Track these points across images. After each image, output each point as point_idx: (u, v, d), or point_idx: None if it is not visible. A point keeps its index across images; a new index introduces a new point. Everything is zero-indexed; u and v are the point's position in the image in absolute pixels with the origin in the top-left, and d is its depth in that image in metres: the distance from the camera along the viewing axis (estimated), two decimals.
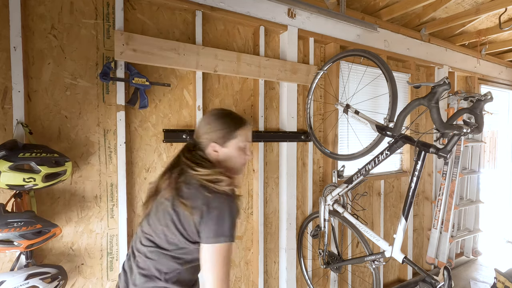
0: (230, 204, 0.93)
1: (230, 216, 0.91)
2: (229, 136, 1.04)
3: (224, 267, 0.89)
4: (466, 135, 1.58)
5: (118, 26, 1.52)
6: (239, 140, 1.05)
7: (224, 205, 0.92)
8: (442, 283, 1.35)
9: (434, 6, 2.46)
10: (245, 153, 1.07)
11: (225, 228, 0.90)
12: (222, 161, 1.05)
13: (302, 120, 2.23)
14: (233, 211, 0.93)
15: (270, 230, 2.11)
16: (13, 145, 1.18)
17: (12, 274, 1.19)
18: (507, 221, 4.29)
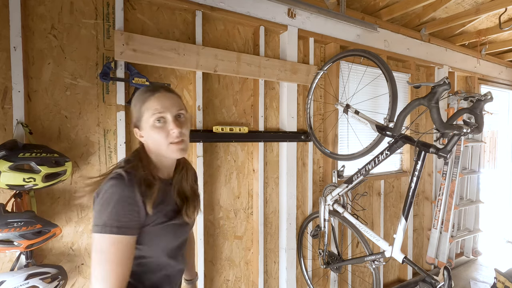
0: (112, 187, 0.76)
1: (108, 201, 0.75)
2: (139, 115, 0.87)
3: (99, 265, 0.73)
4: (466, 135, 1.58)
5: (118, 26, 1.52)
6: (147, 116, 0.84)
7: (106, 188, 0.77)
8: (442, 283, 1.35)
9: (434, 6, 2.46)
10: (162, 128, 0.84)
11: (100, 215, 0.75)
12: (152, 147, 0.88)
13: (302, 120, 2.23)
14: (114, 194, 0.76)
15: (270, 230, 2.12)
16: (13, 145, 1.18)
17: (12, 274, 1.19)
18: (507, 221, 4.29)
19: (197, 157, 1.76)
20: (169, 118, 0.85)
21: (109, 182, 0.78)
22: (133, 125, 0.90)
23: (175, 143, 0.85)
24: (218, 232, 1.92)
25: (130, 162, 0.86)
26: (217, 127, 1.79)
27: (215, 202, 1.90)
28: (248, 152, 2.03)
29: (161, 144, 0.85)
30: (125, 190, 0.77)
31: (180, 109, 0.88)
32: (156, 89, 0.88)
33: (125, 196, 0.77)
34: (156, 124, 0.84)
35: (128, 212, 0.76)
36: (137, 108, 0.87)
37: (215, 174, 1.89)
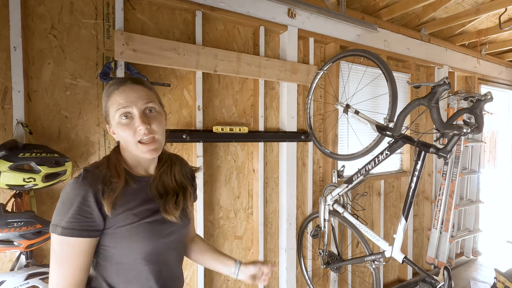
0: (68, 186, 0.73)
1: (61, 200, 0.72)
2: (107, 111, 0.80)
3: (51, 263, 0.71)
4: (466, 135, 1.58)
5: (118, 26, 1.52)
6: (112, 111, 0.77)
7: (65, 188, 0.74)
8: (442, 283, 1.35)
9: (434, 6, 2.46)
10: (128, 125, 0.76)
11: (54, 214, 0.72)
12: (121, 143, 0.83)
13: (302, 120, 2.23)
14: (66, 194, 0.72)
15: (270, 230, 2.11)
16: (13, 145, 1.18)
17: (12, 274, 1.19)
18: (507, 221, 4.29)
19: (197, 157, 1.76)
20: (136, 113, 0.76)
21: (72, 180, 0.75)
22: (105, 121, 0.84)
23: (145, 143, 0.77)
24: (218, 232, 1.92)
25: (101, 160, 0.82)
26: (217, 127, 1.79)
27: (215, 202, 1.90)
28: (248, 152, 2.03)
29: (129, 143, 0.77)
30: (77, 189, 0.72)
31: (149, 102, 0.79)
32: (122, 81, 0.79)
33: (76, 196, 0.71)
34: (121, 120, 0.76)
35: (77, 213, 0.70)
36: (104, 102, 0.80)
37: (215, 174, 1.89)
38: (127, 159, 0.84)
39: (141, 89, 0.80)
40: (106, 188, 0.74)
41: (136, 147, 0.77)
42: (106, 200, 0.73)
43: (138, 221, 0.77)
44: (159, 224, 0.81)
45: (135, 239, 0.77)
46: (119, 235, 0.76)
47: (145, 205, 0.81)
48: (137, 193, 0.81)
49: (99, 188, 0.74)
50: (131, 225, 0.76)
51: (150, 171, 0.87)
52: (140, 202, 0.80)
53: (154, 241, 0.80)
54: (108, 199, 0.73)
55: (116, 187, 0.75)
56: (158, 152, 0.81)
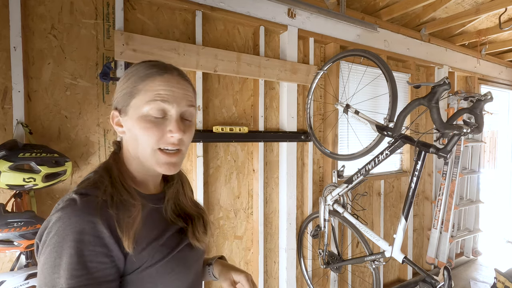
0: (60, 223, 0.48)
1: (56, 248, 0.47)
2: (131, 93, 0.59)
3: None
4: (466, 135, 1.59)
5: (118, 26, 1.52)
6: (142, 98, 0.57)
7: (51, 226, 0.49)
8: (442, 283, 1.35)
9: (434, 6, 2.46)
10: (157, 126, 0.57)
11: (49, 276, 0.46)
12: (129, 144, 0.61)
13: (302, 120, 2.23)
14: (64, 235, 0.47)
15: (270, 230, 2.11)
16: (13, 145, 1.18)
17: (12, 274, 1.19)
18: (507, 221, 4.29)
19: (197, 157, 1.76)
20: (173, 114, 0.59)
21: (56, 215, 0.49)
22: (114, 106, 0.62)
23: (167, 153, 0.59)
24: (218, 232, 1.92)
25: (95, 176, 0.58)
26: (217, 127, 1.79)
27: (215, 202, 1.90)
28: (248, 152, 2.03)
29: (146, 147, 0.58)
30: (78, 222, 0.48)
31: (191, 106, 0.62)
32: (167, 68, 0.61)
33: (79, 232, 0.48)
34: (150, 116, 0.57)
35: (86, 260, 0.47)
36: (131, 83, 0.59)
37: (215, 174, 1.89)
38: (133, 171, 0.63)
39: (187, 87, 0.62)
40: (121, 215, 0.53)
41: (153, 155, 0.58)
42: (126, 232, 0.52)
43: (169, 253, 0.59)
44: (189, 251, 0.66)
45: (170, 278, 0.59)
46: (149, 279, 0.55)
47: (168, 231, 0.63)
48: (153, 217, 0.63)
49: (111, 214, 0.52)
50: (163, 261, 0.58)
51: (158, 188, 0.70)
52: (162, 229, 0.62)
53: (189, 274, 0.64)
54: (128, 231, 0.52)
55: (135, 214, 0.55)
56: (177, 169, 0.62)
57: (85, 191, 0.54)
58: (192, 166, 1.79)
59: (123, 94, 0.60)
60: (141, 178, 0.64)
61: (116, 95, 0.62)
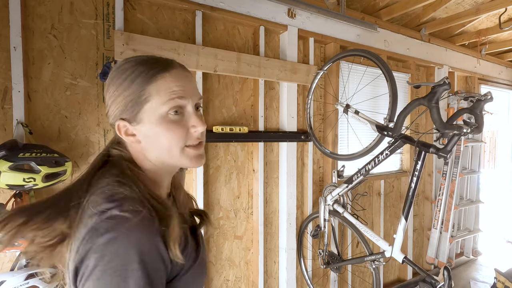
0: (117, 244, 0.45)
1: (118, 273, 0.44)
2: (139, 100, 0.55)
3: None
4: (466, 135, 1.58)
5: (118, 26, 1.52)
6: (158, 101, 0.55)
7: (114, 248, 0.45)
8: (442, 283, 1.35)
9: (434, 6, 2.46)
10: (179, 124, 0.56)
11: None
12: (148, 150, 0.58)
13: (302, 120, 2.23)
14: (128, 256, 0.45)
15: (270, 230, 2.11)
16: (13, 145, 1.18)
17: (12, 274, 1.18)
18: (507, 221, 4.29)
19: None
20: (190, 109, 0.58)
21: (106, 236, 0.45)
22: (117, 117, 0.57)
23: (194, 147, 0.58)
24: (218, 232, 1.92)
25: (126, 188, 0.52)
26: (217, 127, 1.79)
27: (215, 202, 1.90)
28: (248, 152, 2.03)
29: (173, 148, 0.56)
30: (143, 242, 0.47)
31: (200, 97, 0.62)
32: (169, 63, 0.58)
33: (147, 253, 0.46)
34: (169, 116, 0.55)
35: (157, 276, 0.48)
36: (137, 88, 0.55)
37: (215, 174, 1.89)
38: (149, 176, 0.60)
39: (192, 78, 0.61)
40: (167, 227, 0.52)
41: (182, 153, 0.57)
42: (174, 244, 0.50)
43: (197, 256, 0.59)
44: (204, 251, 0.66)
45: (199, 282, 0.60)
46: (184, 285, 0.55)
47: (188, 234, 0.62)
48: None
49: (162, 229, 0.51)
50: (195, 265, 0.57)
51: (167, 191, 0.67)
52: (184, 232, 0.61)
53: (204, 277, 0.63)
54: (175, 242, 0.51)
55: (174, 223, 0.53)
56: (204, 160, 0.62)
57: (133, 207, 0.49)
58: None
59: (129, 101, 0.55)
60: (156, 181, 0.62)
61: (118, 106, 0.56)
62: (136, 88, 0.55)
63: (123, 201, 0.50)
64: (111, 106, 0.57)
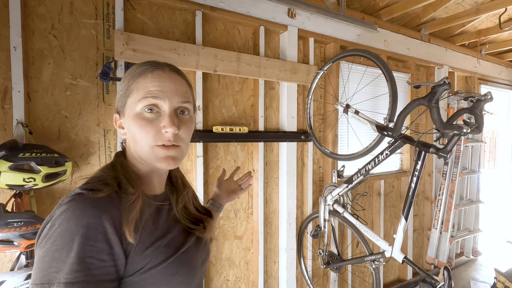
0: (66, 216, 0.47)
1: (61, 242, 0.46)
2: (125, 95, 0.60)
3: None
4: (466, 135, 1.58)
5: (118, 26, 1.52)
6: (134, 98, 0.58)
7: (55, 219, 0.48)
8: (442, 283, 1.35)
9: (434, 6, 2.46)
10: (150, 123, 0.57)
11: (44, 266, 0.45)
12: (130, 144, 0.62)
13: (302, 120, 2.23)
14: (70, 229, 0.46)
15: (270, 230, 2.11)
16: (13, 145, 1.18)
17: (12, 274, 1.18)
18: (507, 221, 4.29)
19: (197, 157, 1.76)
20: (166, 110, 0.58)
21: (60, 208, 0.48)
22: (116, 109, 0.64)
23: (164, 147, 0.58)
24: (218, 232, 1.92)
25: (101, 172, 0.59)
26: (217, 127, 1.79)
27: None
28: (248, 152, 2.03)
29: (144, 145, 0.58)
30: (87, 217, 0.47)
31: (185, 101, 0.61)
32: (158, 65, 0.62)
33: (83, 227, 0.46)
34: (144, 113, 0.57)
35: (86, 255, 0.46)
36: (125, 84, 0.60)
37: (215, 174, 1.89)
38: (138, 171, 0.63)
39: (180, 82, 0.62)
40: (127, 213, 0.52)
41: (152, 151, 0.58)
42: (126, 224, 0.51)
43: (173, 254, 0.58)
44: (195, 252, 0.65)
45: (174, 281, 0.57)
46: (152, 280, 0.54)
47: (172, 231, 0.63)
48: (158, 216, 0.62)
49: (118, 210, 0.51)
50: (167, 262, 0.56)
51: (162, 189, 0.69)
52: (166, 228, 0.62)
53: (194, 277, 0.62)
54: (128, 221, 0.51)
55: (133, 202, 0.54)
56: (177, 164, 0.61)
57: (92, 186, 0.53)
58: (192, 166, 1.79)
59: (120, 96, 0.62)
60: (147, 177, 0.64)
61: (116, 98, 0.64)
62: (125, 84, 0.61)
63: (89, 180, 0.57)
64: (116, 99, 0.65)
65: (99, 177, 0.57)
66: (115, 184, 0.56)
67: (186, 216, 0.70)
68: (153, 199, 0.63)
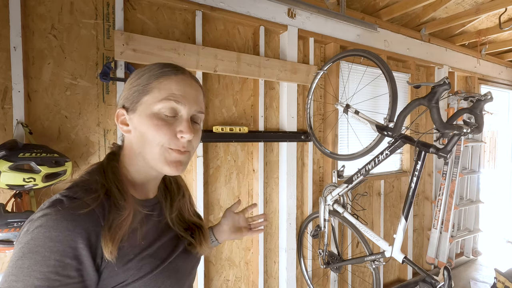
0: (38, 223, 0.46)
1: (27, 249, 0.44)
2: (142, 92, 0.58)
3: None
4: (466, 135, 1.58)
5: (118, 26, 1.52)
6: (155, 96, 0.57)
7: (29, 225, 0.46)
8: (442, 283, 1.35)
9: (434, 6, 2.46)
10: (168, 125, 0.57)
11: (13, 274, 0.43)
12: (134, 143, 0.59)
13: (302, 120, 2.23)
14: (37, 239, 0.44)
15: (270, 230, 2.11)
16: (13, 145, 1.18)
17: None
18: (507, 221, 4.29)
19: (197, 157, 1.76)
20: (184, 115, 0.58)
21: (38, 214, 0.47)
22: (120, 104, 0.60)
23: (177, 151, 0.57)
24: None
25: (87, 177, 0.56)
26: (217, 127, 1.79)
27: (215, 202, 1.90)
28: (248, 152, 2.03)
29: (154, 146, 0.56)
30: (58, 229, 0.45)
31: (201, 111, 0.62)
32: (180, 69, 0.61)
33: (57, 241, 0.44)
34: (162, 114, 0.57)
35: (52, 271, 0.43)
36: (143, 81, 0.58)
37: (215, 174, 1.89)
38: (134, 173, 0.61)
39: (200, 90, 0.63)
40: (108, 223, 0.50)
41: (162, 153, 0.57)
42: (109, 240, 0.48)
43: (159, 265, 0.56)
44: (183, 261, 0.63)
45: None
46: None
47: (160, 239, 0.61)
48: (145, 225, 0.59)
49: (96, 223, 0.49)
50: (151, 274, 0.54)
51: (154, 194, 0.67)
52: (154, 237, 0.60)
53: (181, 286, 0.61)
54: (112, 238, 0.49)
55: (123, 220, 0.52)
56: (184, 170, 0.60)
57: (73, 194, 0.50)
58: (192, 166, 1.79)
59: (133, 92, 0.59)
60: (141, 181, 0.62)
61: (124, 93, 0.61)
62: (142, 81, 0.59)
63: (71, 187, 0.53)
64: (121, 95, 0.62)
65: (85, 181, 0.54)
66: (102, 192, 0.53)
67: (180, 223, 0.68)
68: (144, 205, 0.61)
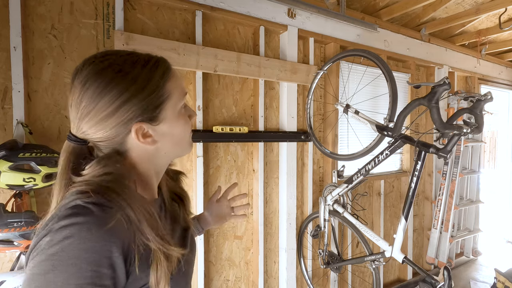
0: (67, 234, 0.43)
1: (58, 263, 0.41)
2: (161, 99, 0.54)
3: None
4: (466, 135, 1.58)
5: (118, 26, 1.52)
6: (175, 98, 0.56)
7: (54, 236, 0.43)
8: (442, 283, 1.35)
9: (434, 6, 2.46)
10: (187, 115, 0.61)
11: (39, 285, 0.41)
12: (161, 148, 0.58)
13: (302, 120, 2.23)
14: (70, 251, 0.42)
15: (270, 230, 2.11)
16: (13, 145, 1.18)
17: (12, 274, 1.18)
18: (507, 221, 4.29)
19: (197, 157, 1.76)
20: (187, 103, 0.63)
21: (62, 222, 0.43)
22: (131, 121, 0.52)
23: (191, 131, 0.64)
24: (218, 232, 1.92)
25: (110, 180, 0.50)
26: (217, 127, 1.79)
27: None
28: (248, 152, 2.03)
29: (187, 139, 0.62)
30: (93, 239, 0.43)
31: None
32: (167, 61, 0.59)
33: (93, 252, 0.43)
34: (182, 109, 0.60)
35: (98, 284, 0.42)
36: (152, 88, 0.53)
37: (215, 174, 1.89)
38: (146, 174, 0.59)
39: None
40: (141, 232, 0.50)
41: (189, 139, 0.63)
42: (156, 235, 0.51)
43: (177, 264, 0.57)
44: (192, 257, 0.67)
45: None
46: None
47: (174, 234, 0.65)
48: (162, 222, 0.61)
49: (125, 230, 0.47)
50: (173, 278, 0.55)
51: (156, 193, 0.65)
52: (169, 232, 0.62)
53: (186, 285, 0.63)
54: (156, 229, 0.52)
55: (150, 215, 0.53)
56: None
57: (98, 200, 0.46)
58: (192, 166, 1.79)
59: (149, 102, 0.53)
60: (150, 181, 0.61)
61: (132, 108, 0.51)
62: (151, 88, 0.53)
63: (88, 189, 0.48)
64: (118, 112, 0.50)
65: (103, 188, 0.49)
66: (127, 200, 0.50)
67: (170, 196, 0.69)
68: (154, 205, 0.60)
